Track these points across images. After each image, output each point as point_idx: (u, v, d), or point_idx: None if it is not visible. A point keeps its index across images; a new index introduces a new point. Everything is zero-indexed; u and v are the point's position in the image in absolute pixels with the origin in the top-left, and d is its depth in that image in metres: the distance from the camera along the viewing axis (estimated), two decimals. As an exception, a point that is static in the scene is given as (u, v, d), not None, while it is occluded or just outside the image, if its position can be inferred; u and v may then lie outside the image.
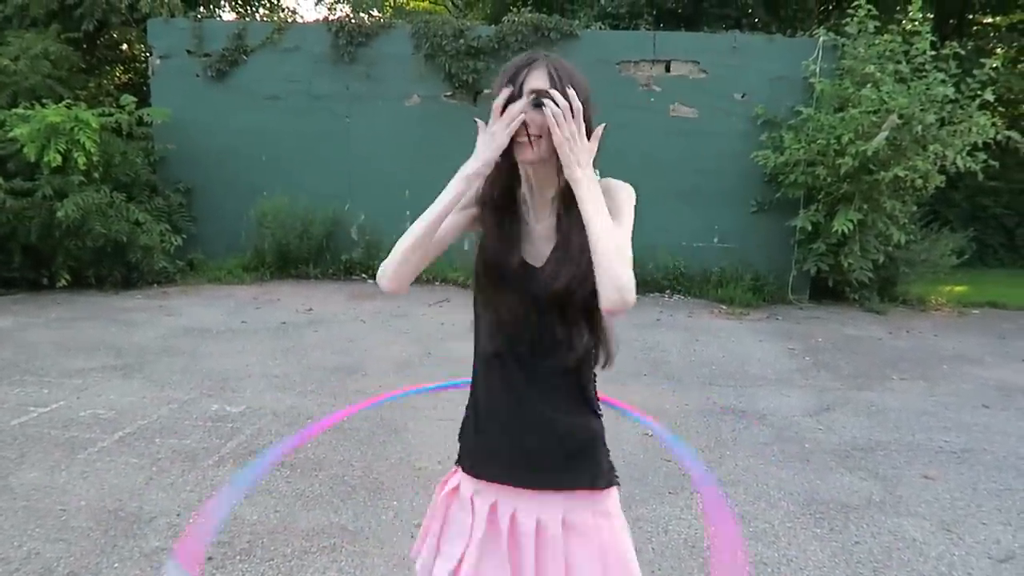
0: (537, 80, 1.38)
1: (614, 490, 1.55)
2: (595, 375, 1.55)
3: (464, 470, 1.57)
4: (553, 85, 1.37)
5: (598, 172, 1.40)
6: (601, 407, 1.56)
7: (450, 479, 1.62)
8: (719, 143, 8.79)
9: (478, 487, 1.54)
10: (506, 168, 1.45)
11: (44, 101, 7.67)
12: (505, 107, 1.38)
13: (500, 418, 1.51)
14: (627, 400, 4.98)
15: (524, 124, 1.37)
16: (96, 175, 7.62)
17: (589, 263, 1.34)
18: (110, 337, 6.10)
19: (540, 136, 1.38)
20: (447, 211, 1.42)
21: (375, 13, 14.59)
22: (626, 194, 1.47)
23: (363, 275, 9.15)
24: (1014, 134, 7.98)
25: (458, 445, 1.61)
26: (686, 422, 4.51)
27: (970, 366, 6.14)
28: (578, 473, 1.50)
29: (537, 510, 1.49)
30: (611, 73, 8.73)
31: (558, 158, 1.38)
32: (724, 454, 4.04)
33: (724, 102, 8.82)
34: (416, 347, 6.05)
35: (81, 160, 7.20)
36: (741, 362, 6.03)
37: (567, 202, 1.42)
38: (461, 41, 8.76)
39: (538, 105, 1.37)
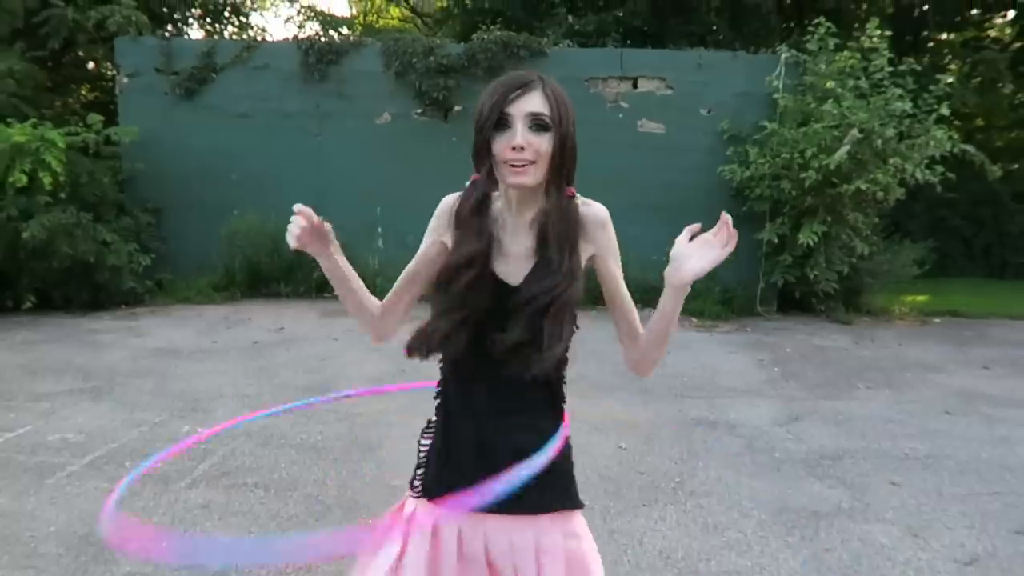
0: (533, 103, 1.36)
1: (580, 512, 1.53)
2: (564, 383, 1.54)
3: (428, 499, 1.52)
4: (550, 110, 1.37)
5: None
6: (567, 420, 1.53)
7: (405, 505, 1.57)
8: (686, 158, 8.92)
9: (441, 514, 1.48)
10: (483, 184, 1.43)
11: (9, 120, 7.55)
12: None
13: (470, 444, 1.48)
14: (600, 412, 4.99)
15: (520, 148, 1.35)
16: (62, 195, 7.52)
17: (570, 282, 1.40)
18: (78, 359, 6.00)
19: (535, 161, 1.37)
20: (345, 283, 1.63)
21: (345, 31, 14.61)
22: (612, 228, 1.51)
23: (334, 293, 9.10)
24: (970, 147, 8.24)
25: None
26: (659, 434, 4.57)
27: (933, 374, 6.29)
28: (552, 497, 1.48)
29: (509, 534, 1.46)
30: (580, 90, 8.83)
31: (546, 182, 1.41)
32: (696, 465, 4.10)
33: (690, 118, 8.97)
34: (389, 364, 6.03)
35: (47, 180, 7.10)
36: (712, 374, 6.11)
37: (551, 227, 1.42)
38: (431, 59, 8.81)
39: (538, 127, 1.36)
